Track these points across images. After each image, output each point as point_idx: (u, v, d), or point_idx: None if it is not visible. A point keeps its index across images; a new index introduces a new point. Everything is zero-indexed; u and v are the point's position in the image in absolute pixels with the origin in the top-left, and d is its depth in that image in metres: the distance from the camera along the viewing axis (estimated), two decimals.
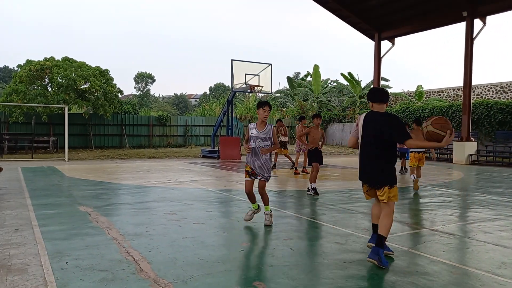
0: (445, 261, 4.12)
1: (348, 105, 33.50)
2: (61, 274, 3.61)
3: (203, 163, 16.25)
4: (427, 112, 24.01)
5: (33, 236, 4.91)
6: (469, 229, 5.59)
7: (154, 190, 8.79)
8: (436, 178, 11.99)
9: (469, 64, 18.09)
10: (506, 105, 20.00)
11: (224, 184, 10.05)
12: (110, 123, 25.50)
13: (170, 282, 3.45)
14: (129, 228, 5.33)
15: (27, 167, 13.81)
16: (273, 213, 5.85)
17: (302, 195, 8.32)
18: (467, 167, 16.31)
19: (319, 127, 8.51)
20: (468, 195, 8.87)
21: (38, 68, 21.82)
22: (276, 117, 35.83)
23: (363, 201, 7.83)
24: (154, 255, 4.18)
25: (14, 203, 7.03)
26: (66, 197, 7.72)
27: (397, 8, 20.37)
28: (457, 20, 18.71)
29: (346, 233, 5.21)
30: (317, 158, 8.29)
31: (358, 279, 3.60)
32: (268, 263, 4.00)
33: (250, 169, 5.43)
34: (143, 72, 66.53)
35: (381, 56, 22.56)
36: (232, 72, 17.74)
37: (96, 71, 23.26)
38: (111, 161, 17.05)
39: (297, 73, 63.84)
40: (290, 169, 13.69)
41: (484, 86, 25.65)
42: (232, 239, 4.93)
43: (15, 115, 21.46)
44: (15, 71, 29.98)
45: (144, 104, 52.66)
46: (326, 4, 21.77)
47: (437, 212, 6.73)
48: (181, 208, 6.77)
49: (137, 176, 11.26)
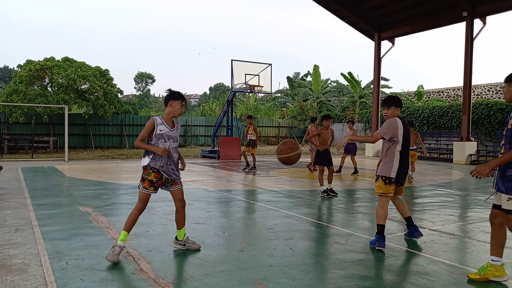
0: (445, 261, 4.12)
1: (348, 105, 33.50)
2: (61, 274, 3.62)
3: (203, 163, 16.25)
4: (427, 112, 24.02)
5: (33, 236, 4.91)
6: (469, 229, 5.59)
7: None
8: (436, 178, 12.00)
9: (469, 64, 18.09)
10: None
11: (224, 184, 10.05)
12: (110, 123, 25.50)
13: (170, 282, 3.45)
14: None
15: (27, 167, 13.81)
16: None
17: (301, 195, 8.33)
18: (467, 167, 16.31)
19: (329, 128, 8.57)
20: (468, 195, 8.87)
21: (38, 68, 21.82)
22: (276, 117, 35.88)
23: (363, 201, 7.83)
24: (154, 255, 4.18)
25: (14, 203, 7.03)
26: (66, 197, 7.72)
27: (397, 8, 20.38)
28: (457, 20, 18.70)
29: (346, 233, 5.21)
30: (325, 161, 8.32)
31: (358, 279, 3.60)
32: (268, 263, 4.00)
33: (157, 178, 4.21)
34: (143, 72, 66.59)
35: (381, 56, 22.56)
36: (232, 72, 17.74)
37: (96, 71, 23.26)
38: (111, 161, 17.04)
39: (297, 73, 63.90)
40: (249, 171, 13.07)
41: (484, 86, 25.66)
42: (232, 239, 4.93)
43: (15, 115, 21.47)
44: (15, 71, 29.96)
45: (144, 104, 52.66)
46: (326, 5, 21.78)
47: (437, 212, 6.73)
48: None
49: (137, 176, 11.26)
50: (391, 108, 4.68)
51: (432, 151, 21.35)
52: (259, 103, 38.11)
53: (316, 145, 8.60)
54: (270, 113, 36.17)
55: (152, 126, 4.19)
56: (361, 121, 29.83)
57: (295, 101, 36.43)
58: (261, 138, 32.04)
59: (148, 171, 4.19)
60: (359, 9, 21.49)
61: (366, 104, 32.05)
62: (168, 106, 4.29)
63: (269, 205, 7.13)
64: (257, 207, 6.96)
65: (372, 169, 14.74)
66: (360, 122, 29.98)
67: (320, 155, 8.37)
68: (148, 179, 4.17)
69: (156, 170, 4.17)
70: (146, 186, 4.18)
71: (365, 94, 33.03)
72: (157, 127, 4.20)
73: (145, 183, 4.19)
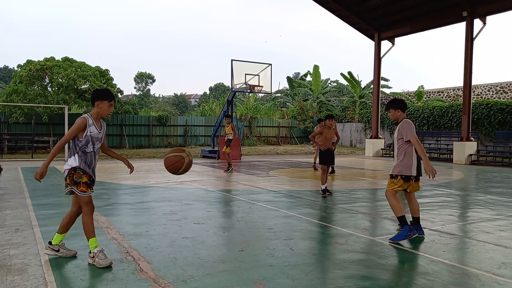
0: (445, 261, 4.12)
1: (348, 105, 33.50)
2: (61, 274, 3.62)
3: (203, 163, 16.25)
4: (427, 112, 24.01)
5: (33, 236, 4.91)
6: (469, 229, 5.59)
7: (154, 190, 8.79)
8: (436, 178, 11.96)
9: (469, 64, 18.08)
10: (506, 105, 20.00)
11: (224, 184, 10.05)
12: (110, 123, 25.49)
13: (170, 282, 3.45)
14: (129, 228, 5.33)
15: (27, 167, 13.81)
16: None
17: (301, 195, 8.33)
18: (467, 167, 16.30)
19: (332, 127, 8.56)
20: (468, 195, 8.87)
21: (38, 68, 21.81)
22: (276, 117, 35.86)
23: (363, 201, 7.83)
24: (154, 255, 4.18)
25: (14, 203, 7.03)
26: (66, 197, 7.72)
27: (397, 8, 20.38)
28: (457, 20, 18.69)
29: (346, 233, 5.21)
30: (327, 160, 8.36)
31: (358, 279, 3.60)
32: (268, 263, 3.99)
33: (89, 179, 4.00)
34: (143, 72, 66.51)
35: (381, 56, 22.56)
36: (232, 72, 17.74)
37: (96, 71, 23.26)
38: (111, 161, 17.04)
39: (297, 73, 63.91)
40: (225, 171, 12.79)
41: (484, 86, 25.65)
42: (232, 239, 4.93)
43: (15, 115, 21.46)
44: (15, 71, 29.97)
45: (144, 104, 52.61)
46: (326, 5, 21.78)
47: (437, 212, 6.73)
48: (181, 208, 6.77)
49: (137, 176, 11.26)
50: (392, 111, 5.07)
51: (432, 151, 21.34)
52: (259, 103, 38.08)
53: (318, 144, 8.61)
54: (270, 113, 36.17)
55: (84, 126, 3.88)
56: (361, 121, 29.82)
57: (295, 101, 36.43)
58: (261, 138, 32.03)
59: (78, 173, 3.91)
60: (359, 9, 21.49)
61: (366, 104, 32.04)
62: (95, 107, 3.99)
63: (269, 205, 7.13)
64: (257, 207, 6.95)
65: (373, 169, 14.74)
66: (360, 122, 29.97)
67: (322, 155, 8.41)
68: (82, 182, 3.90)
69: (86, 173, 3.95)
70: (83, 189, 3.91)
71: (365, 94, 33.02)
72: (88, 128, 3.90)
73: (81, 186, 3.90)
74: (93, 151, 4.00)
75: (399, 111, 5.01)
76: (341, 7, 21.46)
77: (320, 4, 21.80)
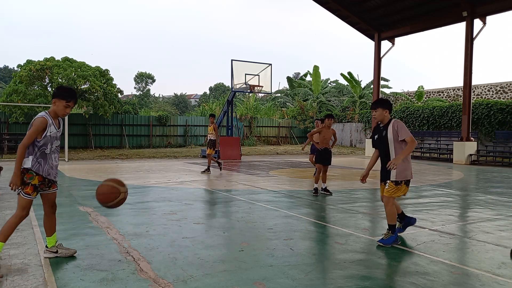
0: (445, 261, 4.12)
1: (348, 105, 33.50)
2: (61, 274, 3.62)
3: (203, 163, 16.24)
4: (427, 112, 24.00)
5: (33, 236, 4.91)
6: (469, 229, 5.59)
7: (154, 190, 8.79)
8: (436, 178, 11.99)
9: (469, 64, 18.09)
10: (506, 105, 20.00)
11: (224, 184, 10.05)
12: (110, 123, 25.50)
13: (170, 282, 3.45)
14: (129, 228, 5.33)
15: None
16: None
17: (301, 195, 8.33)
18: (467, 167, 16.31)
19: (331, 127, 8.59)
20: (468, 195, 8.87)
21: (38, 68, 21.82)
22: (276, 117, 35.87)
23: (363, 201, 7.83)
24: (154, 255, 4.18)
25: (14, 203, 7.02)
26: (66, 197, 7.72)
27: (397, 8, 20.38)
28: (457, 20, 18.70)
29: (346, 233, 5.21)
30: (323, 159, 8.38)
31: (358, 279, 3.60)
32: (268, 263, 3.99)
33: (40, 182, 3.84)
34: (143, 72, 66.49)
35: (381, 56, 22.56)
36: (232, 72, 17.75)
37: (96, 71, 23.27)
38: (111, 161, 17.04)
39: (297, 73, 63.91)
40: (202, 172, 12.38)
41: (484, 86, 25.65)
42: (232, 239, 4.93)
43: (15, 115, 21.46)
44: (15, 71, 29.96)
45: (144, 104, 52.60)
46: (326, 5, 21.78)
47: (437, 212, 6.73)
48: (181, 208, 6.77)
49: (137, 176, 11.26)
50: (380, 110, 4.87)
51: (432, 151, 21.35)
52: (259, 103, 38.09)
53: (315, 143, 8.63)
54: (270, 113, 36.17)
55: (45, 126, 3.73)
56: (361, 121, 29.82)
57: (295, 101, 36.43)
58: (261, 138, 32.04)
59: (30, 174, 3.74)
60: (359, 9, 21.49)
61: (366, 104, 32.03)
62: (53, 104, 3.84)
63: (269, 205, 7.13)
64: (257, 207, 6.95)
65: (373, 169, 14.72)
66: (360, 122, 29.97)
67: (319, 154, 8.41)
68: (31, 183, 3.73)
69: (39, 174, 3.78)
70: (29, 191, 3.74)
71: (365, 94, 33.01)
72: (48, 128, 3.76)
73: (27, 188, 3.73)
74: (52, 151, 3.86)
75: (387, 111, 4.85)
76: (341, 7, 21.47)
77: (320, 4, 21.80)
